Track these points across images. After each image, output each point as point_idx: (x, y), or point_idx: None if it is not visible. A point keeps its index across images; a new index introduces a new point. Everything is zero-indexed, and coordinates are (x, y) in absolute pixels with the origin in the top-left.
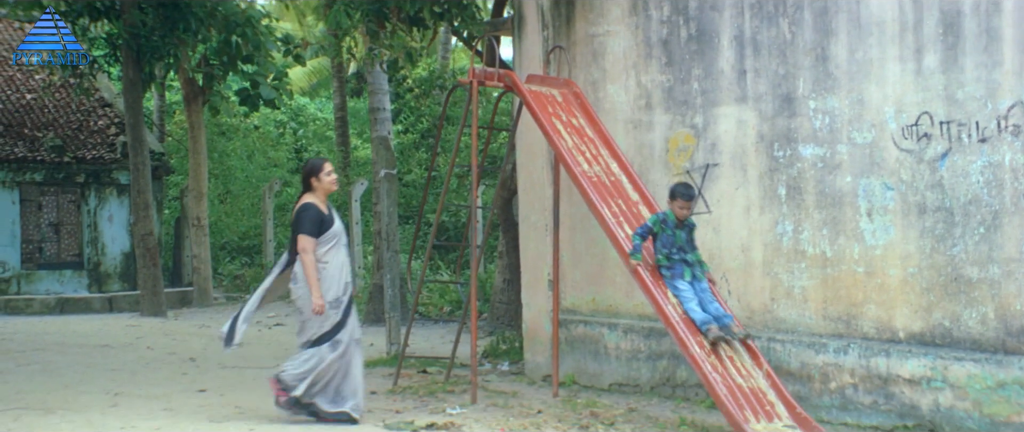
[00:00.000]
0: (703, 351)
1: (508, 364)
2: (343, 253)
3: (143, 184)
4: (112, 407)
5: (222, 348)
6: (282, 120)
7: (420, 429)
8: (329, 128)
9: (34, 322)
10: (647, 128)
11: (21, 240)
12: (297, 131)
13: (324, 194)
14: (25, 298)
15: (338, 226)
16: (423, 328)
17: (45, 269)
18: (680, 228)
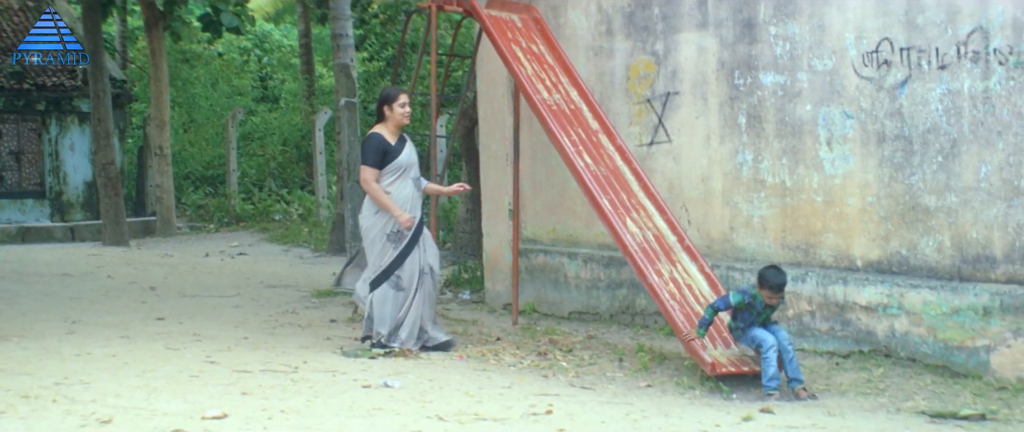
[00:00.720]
0: (661, 279)
1: (470, 293)
2: (410, 186)
3: (103, 112)
4: (69, 334)
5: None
6: (247, 47)
7: (377, 356)
8: (294, 55)
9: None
10: (608, 55)
11: None
12: (262, 58)
13: (395, 125)
14: None
15: (405, 158)
16: None
17: (6, 198)
18: (767, 309)
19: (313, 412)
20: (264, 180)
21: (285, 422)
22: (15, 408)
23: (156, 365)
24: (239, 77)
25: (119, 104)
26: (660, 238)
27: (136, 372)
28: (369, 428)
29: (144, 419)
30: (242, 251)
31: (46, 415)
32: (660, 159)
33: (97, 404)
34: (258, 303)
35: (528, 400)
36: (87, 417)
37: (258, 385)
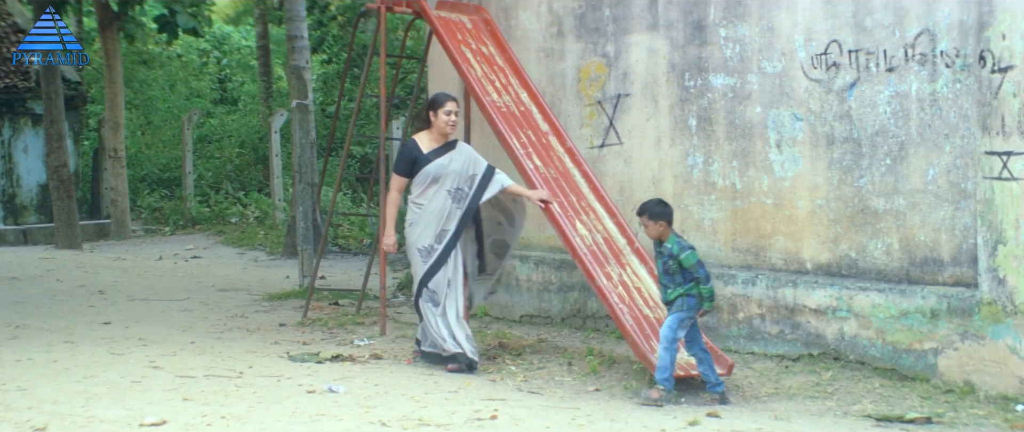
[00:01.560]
0: (610, 282)
1: None
2: (444, 198)
3: (56, 114)
4: (11, 340)
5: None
6: (206, 49)
7: (325, 360)
8: (253, 57)
9: None
10: (559, 57)
11: None
12: (221, 60)
13: (439, 133)
14: None
15: (437, 167)
16: (342, 261)
17: None
18: (659, 255)
19: (254, 418)
20: (221, 183)
21: (225, 428)
22: None
23: (98, 370)
24: (198, 79)
25: (74, 106)
26: (610, 241)
27: (76, 378)
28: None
29: (80, 426)
30: (196, 254)
31: None
32: (611, 161)
33: (33, 411)
34: (208, 307)
35: (474, 405)
36: (22, 425)
37: (201, 390)
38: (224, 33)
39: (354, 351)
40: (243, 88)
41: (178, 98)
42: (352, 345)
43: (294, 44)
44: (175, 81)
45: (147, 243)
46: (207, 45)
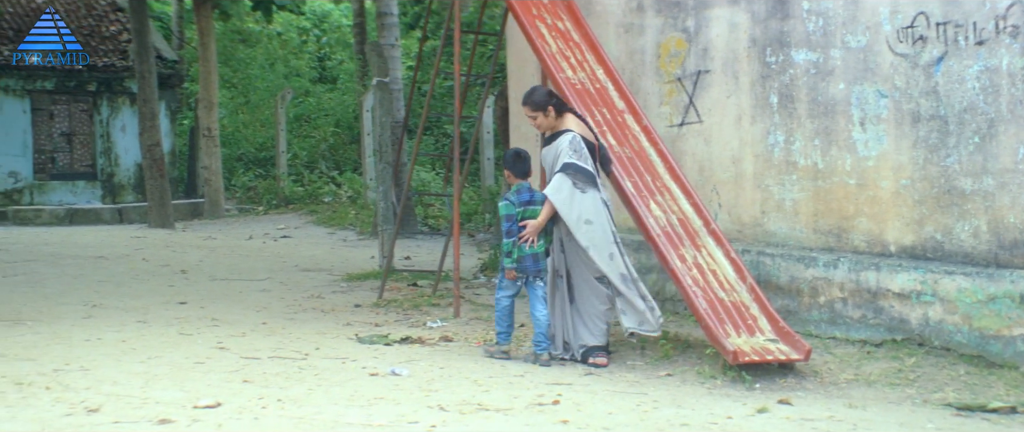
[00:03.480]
0: (684, 265)
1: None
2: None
3: (149, 93)
4: (86, 319)
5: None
6: (305, 27)
7: (393, 342)
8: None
9: (39, 233)
10: (638, 32)
11: (33, 150)
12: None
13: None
14: (34, 209)
15: (542, 159)
16: (431, 241)
17: (58, 180)
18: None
19: (311, 401)
20: (316, 162)
21: (279, 412)
22: (5, 395)
23: (164, 351)
24: (297, 57)
25: (170, 85)
26: (685, 222)
27: (141, 358)
28: (365, 418)
29: (133, 408)
30: (286, 234)
31: (35, 403)
32: (691, 140)
33: (91, 392)
34: (286, 287)
35: (537, 389)
36: (76, 405)
37: (263, 372)
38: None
39: (424, 333)
40: (342, 67)
41: (276, 77)
42: (424, 327)
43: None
44: (274, 59)
45: (239, 222)
46: (307, 23)
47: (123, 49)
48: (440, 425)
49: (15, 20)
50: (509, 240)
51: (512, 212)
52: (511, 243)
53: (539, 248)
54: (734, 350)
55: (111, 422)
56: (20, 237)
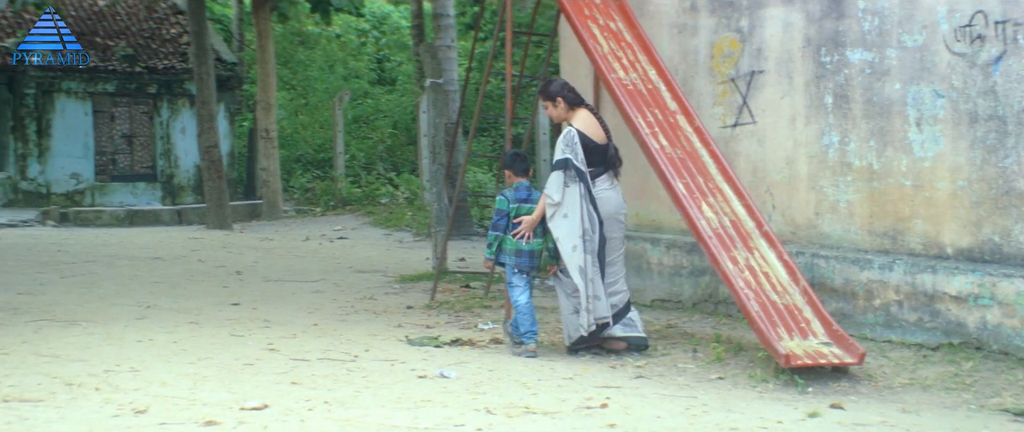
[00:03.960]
0: (736, 267)
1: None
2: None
3: (207, 95)
4: (139, 320)
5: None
6: (364, 29)
7: (443, 344)
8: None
9: (99, 234)
10: (691, 33)
11: (94, 152)
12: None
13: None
14: (95, 210)
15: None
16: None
17: (118, 181)
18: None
19: (358, 403)
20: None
21: (325, 414)
22: (55, 396)
23: (215, 352)
24: (356, 59)
25: (229, 87)
26: (737, 224)
27: (191, 359)
28: (411, 421)
29: (181, 409)
30: (343, 235)
31: (84, 403)
32: (744, 141)
33: (139, 393)
34: (339, 288)
35: (586, 393)
36: (124, 406)
37: (311, 374)
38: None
39: (475, 335)
40: (400, 68)
41: (336, 78)
42: (475, 329)
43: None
44: (333, 61)
45: (297, 223)
46: (366, 25)
47: (183, 52)
48: (486, 428)
49: (78, 23)
50: (494, 233)
51: (505, 208)
52: (495, 236)
53: (536, 245)
54: (786, 353)
55: (157, 423)
56: (80, 238)
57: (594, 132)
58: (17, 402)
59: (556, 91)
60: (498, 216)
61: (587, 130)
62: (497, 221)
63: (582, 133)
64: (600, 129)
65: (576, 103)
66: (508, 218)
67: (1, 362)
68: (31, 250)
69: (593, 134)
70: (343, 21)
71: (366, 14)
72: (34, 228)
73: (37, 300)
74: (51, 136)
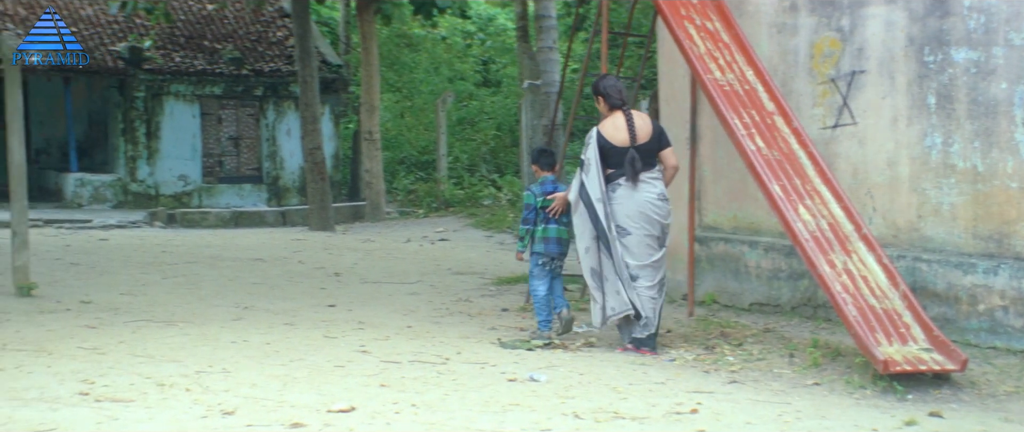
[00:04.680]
0: (833, 270)
1: None
2: None
3: (311, 97)
4: (235, 321)
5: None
6: (470, 31)
7: (536, 347)
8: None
9: (203, 235)
10: (791, 32)
11: (202, 154)
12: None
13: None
14: (201, 212)
15: None
16: None
17: (225, 183)
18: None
19: (445, 407)
20: (477, 165)
21: (413, 417)
22: (146, 396)
23: (306, 354)
24: (461, 61)
25: (334, 89)
26: (835, 226)
27: (283, 361)
28: (498, 425)
29: (268, 411)
30: (444, 237)
31: (173, 404)
32: (844, 142)
33: (229, 394)
34: (436, 290)
35: (677, 397)
36: (212, 407)
37: (400, 377)
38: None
39: (568, 338)
40: (505, 70)
41: (441, 80)
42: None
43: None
44: (439, 63)
45: (399, 225)
46: (472, 27)
47: (289, 54)
48: None
49: (187, 27)
50: (524, 226)
51: (532, 202)
52: (525, 230)
53: (562, 233)
54: (884, 359)
55: (244, 425)
56: (185, 239)
57: (613, 135)
58: (109, 402)
59: (601, 89)
60: (526, 211)
61: (607, 132)
62: (526, 216)
63: (601, 135)
64: (625, 133)
65: (615, 107)
66: (536, 212)
67: (97, 362)
68: (136, 251)
69: (612, 137)
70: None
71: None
72: (142, 229)
73: (138, 300)
74: (160, 138)
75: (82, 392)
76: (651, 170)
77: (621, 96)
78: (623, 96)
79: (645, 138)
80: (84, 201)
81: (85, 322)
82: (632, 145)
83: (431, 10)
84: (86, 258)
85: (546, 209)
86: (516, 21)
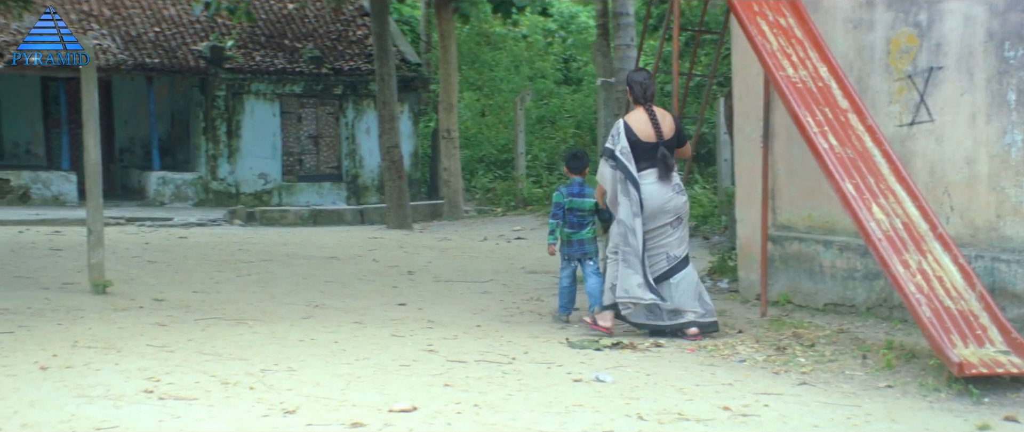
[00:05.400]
0: (907, 271)
1: (728, 282)
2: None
3: (388, 95)
4: (305, 319)
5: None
6: (552, 29)
7: (604, 347)
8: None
9: (281, 233)
10: (867, 28)
11: (282, 152)
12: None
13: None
14: (280, 210)
15: None
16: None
17: (305, 181)
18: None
19: (507, 407)
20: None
21: (474, 417)
22: (209, 394)
23: (372, 353)
24: (542, 59)
25: (413, 87)
26: (909, 226)
27: (348, 360)
28: (560, 426)
29: (330, 410)
30: (521, 235)
31: (236, 402)
32: (921, 140)
33: (292, 393)
34: (508, 289)
35: (744, 399)
36: (274, 406)
37: (465, 376)
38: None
39: (637, 338)
40: (586, 68)
41: (521, 79)
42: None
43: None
44: (519, 62)
45: (477, 223)
46: (553, 25)
47: (369, 53)
48: None
49: (267, 26)
50: (553, 221)
51: (561, 201)
52: (555, 224)
53: (587, 234)
54: (959, 362)
55: (305, 424)
56: (263, 237)
57: (642, 130)
58: (172, 400)
59: (631, 81)
60: (555, 208)
61: (635, 126)
62: (554, 212)
63: (628, 127)
64: (650, 128)
65: (638, 101)
66: (563, 210)
67: (164, 360)
68: (213, 249)
69: (640, 132)
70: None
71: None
72: (221, 227)
73: (210, 298)
74: (240, 137)
75: (147, 389)
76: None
77: (645, 93)
78: (648, 93)
79: (670, 134)
80: (166, 199)
81: (156, 319)
82: (660, 141)
83: (509, 9)
84: (163, 256)
85: (573, 211)
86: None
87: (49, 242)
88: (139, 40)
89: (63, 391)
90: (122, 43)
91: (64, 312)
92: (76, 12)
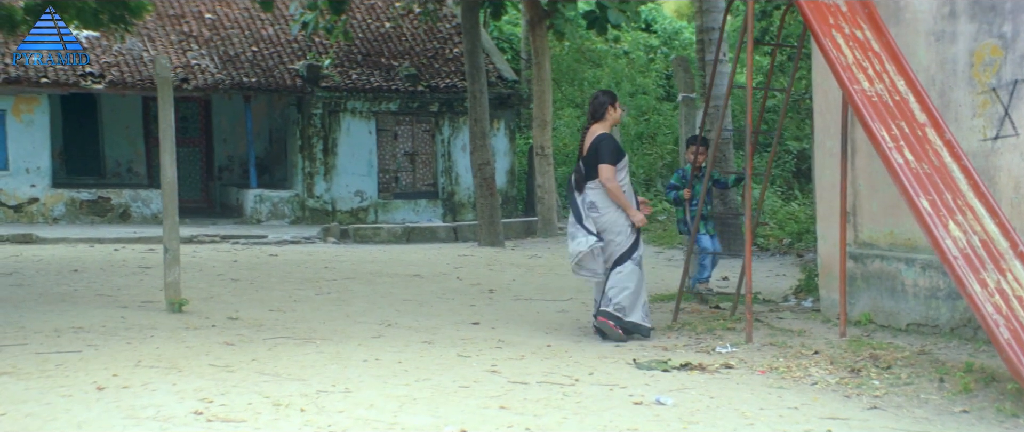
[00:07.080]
0: (985, 290)
1: (811, 300)
2: (628, 177)
3: (480, 112)
4: (374, 338)
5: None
6: (654, 45)
7: (672, 368)
8: None
9: (372, 251)
10: (950, 40)
11: (378, 169)
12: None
13: (611, 124)
14: (373, 227)
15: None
16: (758, 261)
17: (400, 198)
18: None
19: (560, 430)
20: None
21: None
22: (259, 416)
23: (434, 374)
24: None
25: (510, 104)
26: (988, 244)
27: (408, 381)
28: None
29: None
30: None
31: (283, 425)
32: (1006, 155)
33: (343, 415)
34: (585, 308)
35: (808, 424)
36: (322, 429)
37: (523, 398)
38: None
39: (707, 359)
40: None
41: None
42: (712, 352)
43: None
44: (620, 78)
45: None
46: (656, 41)
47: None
48: None
49: (364, 45)
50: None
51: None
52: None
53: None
54: None
55: None
56: (352, 255)
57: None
58: (220, 422)
59: (595, 98)
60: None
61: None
62: (671, 183)
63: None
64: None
65: (591, 119)
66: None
67: (222, 380)
68: (299, 267)
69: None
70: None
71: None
72: (314, 245)
73: (284, 317)
74: (336, 154)
75: (197, 411)
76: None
77: (594, 113)
78: (595, 113)
79: (585, 151)
80: (263, 217)
81: (225, 339)
82: (579, 157)
83: (604, 26)
84: (247, 274)
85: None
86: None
87: (140, 260)
88: (237, 60)
89: (114, 412)
90: (220, 63)
91: (136, 331)
92: (176, 33)
